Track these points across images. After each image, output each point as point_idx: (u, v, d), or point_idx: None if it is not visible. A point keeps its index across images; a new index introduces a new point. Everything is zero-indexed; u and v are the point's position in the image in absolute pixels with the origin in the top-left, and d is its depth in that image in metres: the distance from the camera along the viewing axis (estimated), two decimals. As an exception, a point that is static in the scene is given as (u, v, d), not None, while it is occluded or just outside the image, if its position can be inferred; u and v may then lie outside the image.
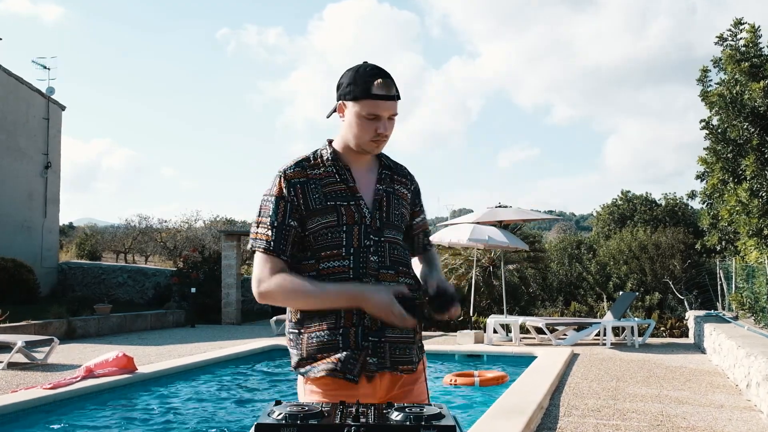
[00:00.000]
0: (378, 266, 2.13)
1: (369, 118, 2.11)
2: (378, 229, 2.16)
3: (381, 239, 2.16)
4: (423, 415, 1.67)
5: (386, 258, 2.16)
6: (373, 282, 2.12)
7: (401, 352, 2.15)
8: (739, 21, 10.68)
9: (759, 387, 6.39)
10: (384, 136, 2.15)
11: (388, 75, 2.13)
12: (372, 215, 2.16)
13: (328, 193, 2.14)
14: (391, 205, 2.22)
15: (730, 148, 10.42)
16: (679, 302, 15.08)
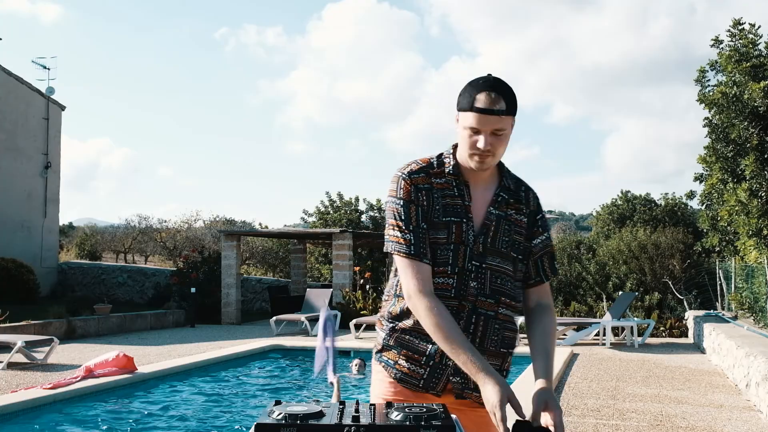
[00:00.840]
0: (477, 292, 2.07)
1: (470, 132, 2.01)
2: (480, 254, 2.08)
3: (483, 265, 2.08)
4: (423, 415, 1.67)
5: (486, 286, 2.08)
6: (473, 308, 2.07)
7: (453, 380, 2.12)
8: (738, 21, 10.68)
9: (758, 387, 6.39)
10: (484, 152, 2.01)
11: (499, 88, 2.00)
12: (476, 238, 2.08)
13: (446, 206, 2.09)
14: (500, 231, 2.10)
15: (729, 148, 10.43)
16: (679, 302, 15.08)
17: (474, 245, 2.07)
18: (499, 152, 2.03)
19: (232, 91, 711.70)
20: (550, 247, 2.19)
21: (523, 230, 2.14)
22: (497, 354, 2.12)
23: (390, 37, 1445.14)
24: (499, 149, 2.03)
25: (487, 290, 2.08)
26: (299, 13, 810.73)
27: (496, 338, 2.11)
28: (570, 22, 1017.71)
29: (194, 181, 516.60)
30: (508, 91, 2.01)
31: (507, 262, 2.10)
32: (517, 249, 2.12)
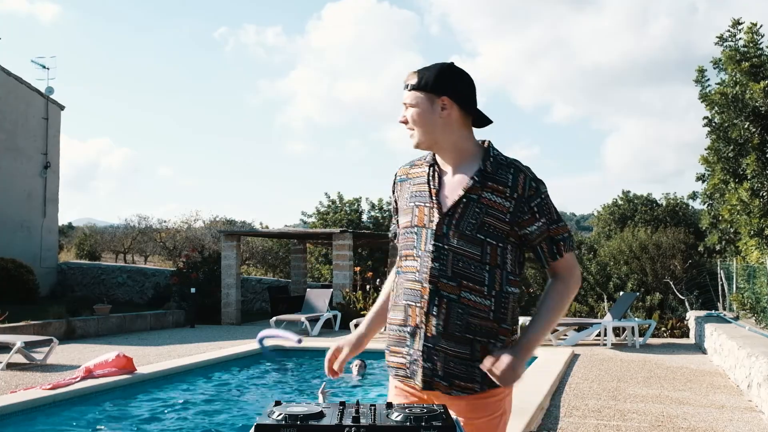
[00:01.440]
0: (439, 274, 2.08)
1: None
2: (442, 236, 2.09)
3: (445, 247, 2.08)
4: (423, 416, 1.66)
5: (448, 268, 2.07)
6: (436, 290, 2.08)
7: (456, 366, 2.08)
8: (738, 21, 10.67)
9: (760, 387, 6.37)
10: (404, 124, 2.18)
11: (423, 68, 2.16)
12: (440, 221, 2.10)
13: (414, 192, 2.19)
14: (468, 213, 2.08)
15: (731, 148, 10.42)
16: (680, 302, 15.07)
17: (437, 228, 2.09)
18: (417, 127, 2.14)
19: (232, 91, 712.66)
20: (548, 232, 2.10)
21: (502, 214, 2.07)
22: (463, 340, 2.06)
23: (390, 37, 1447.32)
24: (416, 124, 2.13)
25: (449, 272, 2.07)
26: (299, 13, 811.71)
27: (460, 323, 2.07)
28: (570, 21, 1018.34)
29: (194, 181, 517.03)
30: (427, 69, 2.13)
31: (472, 246, 2.06)
32: (486, 232, 2.07)
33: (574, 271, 2.16)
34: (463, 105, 2.14)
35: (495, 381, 2.02)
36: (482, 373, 2.05)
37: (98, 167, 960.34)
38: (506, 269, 2.10)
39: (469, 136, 2.18)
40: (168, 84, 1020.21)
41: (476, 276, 2.06)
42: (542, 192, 2.11)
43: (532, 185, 2.10)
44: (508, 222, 2.07)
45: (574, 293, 2.18)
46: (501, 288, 2.09)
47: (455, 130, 2.14)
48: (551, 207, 2.13)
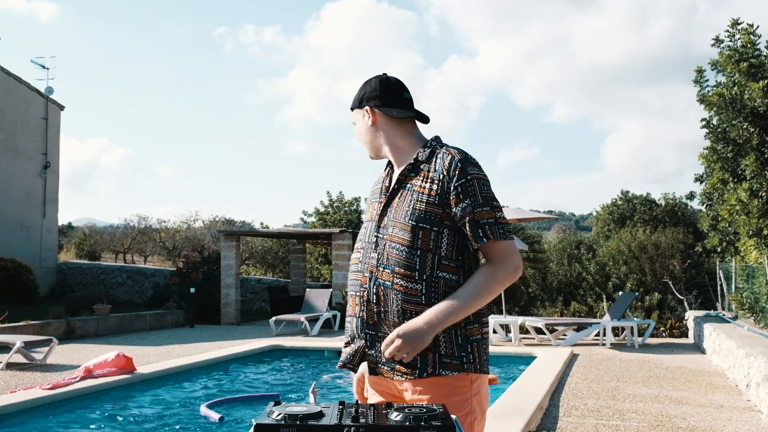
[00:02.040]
0: (377, 263, 2.15)
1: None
2: (381, 226, 2.18)
3: (383, 236, 2.16)
4: (422, 416, 1.67)
5: (384, 256, 2.14)
6: (373, 278, 2.16)
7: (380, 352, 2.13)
8: (737, 21, 10.68)
9: (759, 387, 6.39)
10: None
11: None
12: (381, 212, 2.20)
13: (374, 191, 2.35)
14: (403, 201, 2.16)
15: (730, 148, 10.43)
16: (679, 302, 15.09)
17: (378, 219, 2.20)
18: (361, 141, 2.34)
19: (232, 91, 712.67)
20: (472, 214, 2.08)
21: (431, 197, 2.11)
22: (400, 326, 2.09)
23: (390, 37, 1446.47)
24: (360, 139, 2.34)
25: (384, 260, 2.14)
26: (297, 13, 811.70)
27: (397, 309, 2.10)
28: (570, 21, 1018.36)
29: (194, 180, 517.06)
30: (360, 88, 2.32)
31: (404, 232, 2.11)
32: (418, 217, 2.10)
33: (507, 259, 2.09)
34: (383, 110, 2.25)
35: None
36: (423, 359, 2.07)
37: (97, 167, 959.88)
38: (440, 254, 2.10)
39: (405, 134, 2.27)
40: (167, 84, 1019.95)
41: (408, 262, 2.09)
42: (469, 173, 2.10)
43: (457, 165, 2.11)
44: (437, 204, 2.10)
45: (504, 281, 2.09)
46: (432, 272, 2.09)
47: (387, 132, 2.27)
48: (478, 190, 2.10)
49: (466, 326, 2.11)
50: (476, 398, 2.12)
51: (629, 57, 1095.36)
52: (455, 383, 2.09)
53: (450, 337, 2.09)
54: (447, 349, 2.09)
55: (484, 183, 2.12)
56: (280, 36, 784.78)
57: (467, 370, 2.09)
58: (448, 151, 2.16)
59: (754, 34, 10.47)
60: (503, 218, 2.12)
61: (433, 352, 2.08)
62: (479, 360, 2.13)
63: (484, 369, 2.15)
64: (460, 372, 2.09)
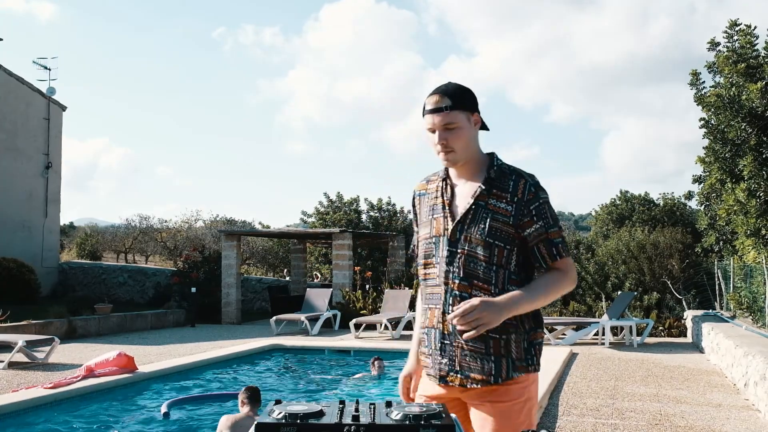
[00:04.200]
0: (454, 276, 2.26)
1: (429, 133, 2.30)
2: (455, 241, 2.26)
3: (457, 251, 2.25)
4: (422, 415, 1.69)
5: (460, 269, 2.24)
6: (450, 290, 2.26)
7: (472, 360, 2.24)
8: (735, 23, 10.69)
9: (757, 386, 6.42)
10: (442, 147, 2.27)
11: (444, 89, 2.28)
12: (454, 228, 2.27)
13: (432, 206, 2.37)
14: (477, 219, 2.25)
15: (728, 148, 10.45)
16: (678, 302, 15.10)
17: (451, 234, 2.27)
18: (458, 145, 2.26)
19: (231, 91, 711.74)
20: (546, 234, 2.25)
21: (506, 217, 2.24)
22: (476, 336, 2.17)
23: (389, 37, 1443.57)
24: (457, 143, 2.25)
25: (462, 273, 2.25)
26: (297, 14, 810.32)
27: None
28: (570, 21, 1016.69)
29: (194, 180, 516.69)
30: (452, 89, 2.27)
31: (480, 248, 2.23)
32: (494, 235, 2.23)
33: (571, 271, 2.29)
34: (483, 121, 2.34)
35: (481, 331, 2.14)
36: (497, 366, 2.22)
37: (97, 167, 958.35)
38: (509, 269, 2.25)
39: (480, 149, 2.36)
40: (167, 84, 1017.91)
41: (485, 276, 2.23)
42: (541, 197, 2.26)
43: (531, 190, 2.25)
44: (512, 225, 2.24)
45: (567, 288, 2.27)
46: (503, 286, 2.23)
47: (477, 144, 2.34)
48: (549, 211, 2.27)
49: (529, 331, 2.27)
50: (533, 386, 2.30)
51: (629, 57, 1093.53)
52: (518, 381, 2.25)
53: (520, 343, 2.25)
54: (518, 354, 2.25)
55: (551, 205, 2.29)
56: (279, 36, 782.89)
57: (531, 371, 2.27)
58: (520, 175, 2.29)
59: (752, 35, 10.49)
60: (565, 237, 2.32)
61: (505, 358, 2.23)
62: (539, 360, 2.31)
63: (539, 368, 2.32)
64: (527, 373, 2.26)
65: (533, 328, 2.28)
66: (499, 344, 2.22)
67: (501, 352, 2.22)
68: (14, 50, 49.39)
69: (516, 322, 2.23)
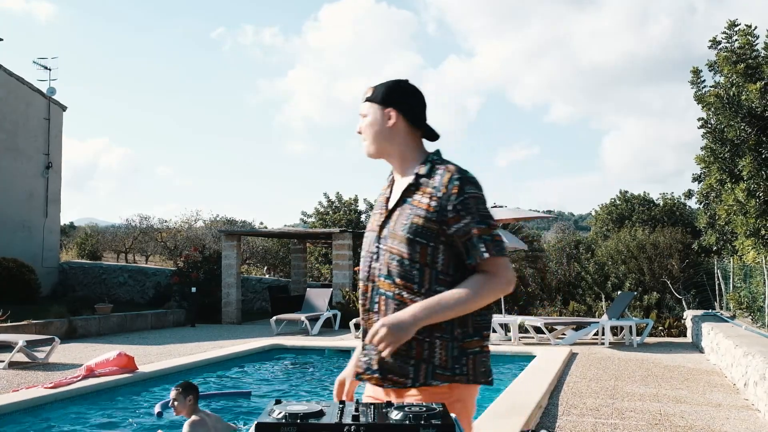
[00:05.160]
0: (378, 273, 2.22)
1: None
2: (382, 238, 2.24)
3: (383, 247, 2.22)
4: (422, 414, 1.69)
5: (384, 266, 2.20)
6: (375, 288, 2.22)
7: (392, 360, 2.15)
8: (734, 23, 10.70)
9: (756, 386, 6.43)
10: (359, 134, 2.35)
11: (378, 83, 2.33)
12: (381, 224, 2.26)
13: (377, 203, 2.39)
14: (403, 214, 2.20)
15: (727, 148, 10.45)
16: (677, 302, 15.11)
17: (378, 230, 2.26)
18: (367, 135, 2.31)
19: (231, 91, 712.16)
20: (472, 232, 2.11)
21: (430, 213, 2.15)
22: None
23: (389, 37, 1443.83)
24: (366, 132, 2.31)
25: (385, 271, 2.20)
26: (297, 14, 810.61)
27: None
28: (569, 21, 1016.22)
29: (193, 180, 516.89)
30: (381, 83, 2.32)
31: (403, 245, 2.16)
32: (416, 232, 2.15)
33: (502, 273, 2.13)
34: (408, 118, 2.29)
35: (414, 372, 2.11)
36: (416, 370, 2.12)
37: (97, 167, 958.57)
38: (436, 268, 2.14)
39: (415, 147, 2.31)
40: (167, 84, 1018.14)
41: (407, 274, 2.15)
42: (467, 192, 2.14)
43: (455, 184, 2.15)
44: (435, 221, 2.14)
45: (497, 291, 2.12)
46: (430, 286, 2.13)
47: (402, 140, 2.29)
48: (477, 207, 2.14)
49: (464, 339, 2.14)
50: (458, 405, 2.13)
51: (629, 57, 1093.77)
52: (439, 391, 2.13)
53: (446, 350, 2.12)
54: (441, 361, 2.12)
55: (481, 201, 2.16)
56: (278, 36, 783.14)
57: (458, 381, 2.13)
58: (447, 168, 2.20)
59: (752, 35, 10.49)
60: (499, 236, 2.16)
61: (426, 363, 2.12)
62: (474, 371, 2.15)
63: (478, 380, 2.16)
64: (451, 383, 2.12)
65: (468, 335, 2.14)
66: (422, 347, 2.12)
67: (423, 356, 2.12)
68: (14, 50, 49.41)
69: (444, 326, 2.11)
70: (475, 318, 2.16)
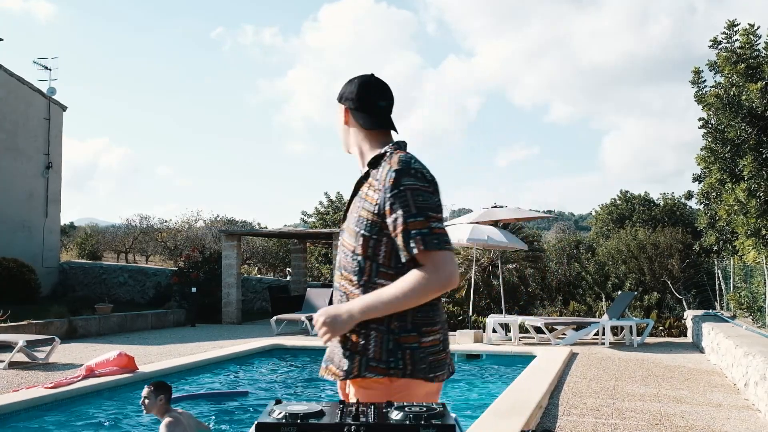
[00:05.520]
0: (336, 265, 2.29)
1: None
2: (341, 232, 2.27)
3: (339, 242, 2.27)
4: (423, 414, 1.69)
5: (338, 260, 2.26)
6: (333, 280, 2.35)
7: (333, 351, 2.21)
8: (733, 23, 10.69)
9: (757, 386, 6.42)
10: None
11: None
12: (342, 218, 2.31)
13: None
14: (354, 208, 2.23)
15: (727, 148, 10.45)
16: (678, 302, 15.10)
17: (341, 226, 2.29)
18: (339, 133, 2.37)
19: (231, 91, 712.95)
20: (405, 225, 2.06)
21: (373, 206, 2.14)
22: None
23: (389, 37, 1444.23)
24: (337, 128, 2.37)
25: (338, 264, 2.26)
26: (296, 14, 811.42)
27: None
28: (569, 21, 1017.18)
29: (193, 180, 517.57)
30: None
31: (350, 237, 2.18)
32: (360, 224, 2.16)
33: (440, 269, 2.05)
34: (353, 110, 2.29)
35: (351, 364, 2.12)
36: (350, 362, 2.12)
37: (97, 167, 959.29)
38: (377, 261, 2.13)
39: (372, 141, 2.29)
40: (166, 84, 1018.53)
41: (351, 266, 2.18)
42: (403, 183, 2.09)
43: (392, 176, 2.11)
44: (377, 214, 2.13)
45: (433, 289, 2.06)
46: (369, 279, 2.14)
47: (356, 135, 2.31)
48: (413, 200, 2.08)
49: (400, 333, 2.10)
50: (399, 394, 2.11)
51: (629, 57, 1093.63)
52: (375, 385, 2.11)
53: (380, 343, 2.10)
54: (375, 354, 2.10)
55: (420, 193, 2.09)
56: (278, 36, 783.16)
57: (392, 375, 2.09)
58: (389, 160, 2.17)
59: (753, 34, 10.48)
60: (439, 228, 2.08)
61: (361, 355, 2.12)
62: (412, 366, 2.10)
63: (416, 375, 2.11)
64: (385, 376, 2.10)
65: (405, 330, 2.10)
66: (358, 339, 2.12)
67: (358, 348, 2.12)
68: (13, 50, 49.43)
69: (381, 318, 2.11)
70: (415, 313, 2.11)
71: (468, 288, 14.43)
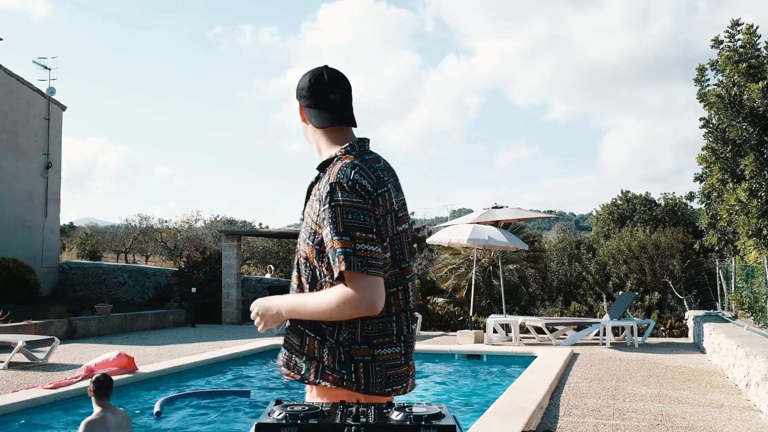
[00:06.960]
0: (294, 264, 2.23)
1: None
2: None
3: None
4: (423, 415, 1.68)
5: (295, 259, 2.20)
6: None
7: (287, 353, 2.15)
8: (737, 22, 10.68)
9: (758, 387, 6.41)
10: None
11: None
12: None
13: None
14: (305, 212, 2.15)
15: (729, 148, 10.43)
16: (679, 302, 15.09)
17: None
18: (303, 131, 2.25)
19: (230, 90, 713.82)
20: (331, 243, 1.96)
21: (316, 215, 2.05)
22: (296, 331, 2.10)
23: (388, 36, 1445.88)
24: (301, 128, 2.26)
25: (294, 262, 2.20)
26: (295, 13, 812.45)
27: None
28: (569, 20, 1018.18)
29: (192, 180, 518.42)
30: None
31: (303, 243, 2.12)
32: (307, 232, 2.09)
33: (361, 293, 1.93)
34: (307, 108, 2.17)
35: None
36: (308, 366, 2.07)
37: (96, 166, 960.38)
38: (321, 269, 2.06)
39: (329, 138, 2.16)
40: (164, 83, 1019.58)
41: (300, 270, 2.14)
42: (334, 199, 1.97)
43: (327, 189, 2.00)
44: (318, 224, 2.04)
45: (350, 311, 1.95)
46: (313, 284, 2.09)
47: (313, 132, 2.20)
48: (339, 217, 1.96)
49: (350, 345, 2.03)
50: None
51: (628, 56, 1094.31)
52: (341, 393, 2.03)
53: (333, 354, 2.04)
54: (329, 362, 2.04)
55: (351, 210, 1.96)
56: (276, 36, 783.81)
57: (347, 387, 2.02)
58: (332, 168, 2.06)
59: (754, 34, 10.47)
60: (365, 251, 1.94)
61: (317, 361, 2.06)
62: (366, 381, 2.02)
63: (370, 390, 2.03)
64: (341, 388, 2.02)
65: (355, 342, 2.01)
66: (313, 345, 2.05)
67: (314, 354, 2.05)
68: (13, 50, 49.45)
69: (331, 329, 2.03)
70: (364, 326, 2.02)
71: (468, 288, 14.43)
